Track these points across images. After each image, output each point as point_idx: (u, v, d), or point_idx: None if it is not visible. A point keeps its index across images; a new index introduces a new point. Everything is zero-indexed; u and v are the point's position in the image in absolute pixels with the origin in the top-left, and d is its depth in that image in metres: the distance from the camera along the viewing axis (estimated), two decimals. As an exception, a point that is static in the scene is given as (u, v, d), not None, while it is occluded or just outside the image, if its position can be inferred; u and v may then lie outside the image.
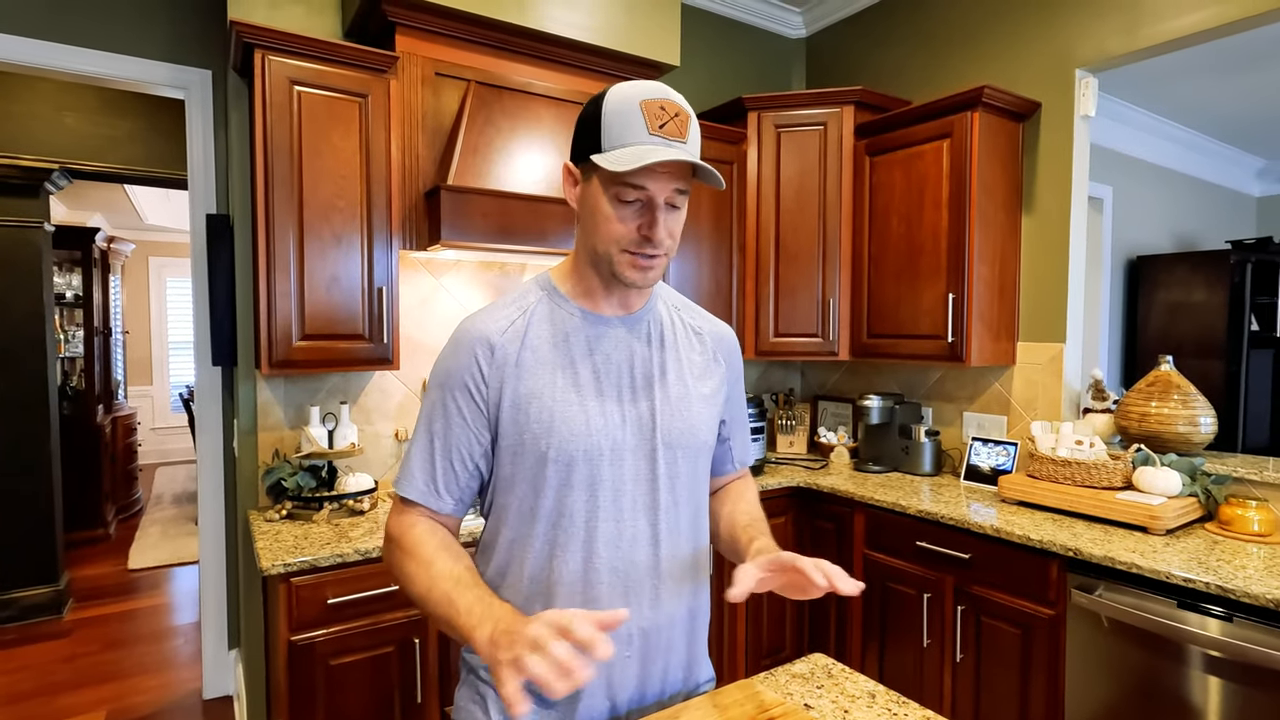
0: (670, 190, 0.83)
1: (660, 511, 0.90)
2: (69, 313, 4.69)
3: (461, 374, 0.87)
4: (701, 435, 0.95)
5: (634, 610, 0.88)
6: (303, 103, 1.86)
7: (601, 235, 0.85)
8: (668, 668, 0.94)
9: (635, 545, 0.89)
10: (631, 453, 0.89)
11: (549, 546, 0.87)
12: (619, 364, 0.90)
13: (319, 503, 1.94)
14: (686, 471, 0.93)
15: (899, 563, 2.16)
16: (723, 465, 1.07)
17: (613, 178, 0.81)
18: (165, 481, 6.25)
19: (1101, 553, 1.66)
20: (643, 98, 0.81)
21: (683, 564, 0.93)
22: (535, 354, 0.88)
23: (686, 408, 0.93)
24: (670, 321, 0.98)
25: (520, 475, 0.88)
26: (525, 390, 0.86)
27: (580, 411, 0.86)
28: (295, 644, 1.62)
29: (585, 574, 0.87)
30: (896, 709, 0.97)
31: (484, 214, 1.98)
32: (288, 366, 1.87)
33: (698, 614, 0.98)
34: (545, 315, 0.90)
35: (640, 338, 0.93)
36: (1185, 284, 4.26)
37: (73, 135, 3.22)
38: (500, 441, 0.88)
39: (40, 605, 3.29)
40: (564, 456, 0.85)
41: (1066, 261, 2.31)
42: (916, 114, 2.38)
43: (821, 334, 2.66)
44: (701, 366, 0.98)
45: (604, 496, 0.87)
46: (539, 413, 0.86)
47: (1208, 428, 2.00)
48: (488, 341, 0.87)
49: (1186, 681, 1.54)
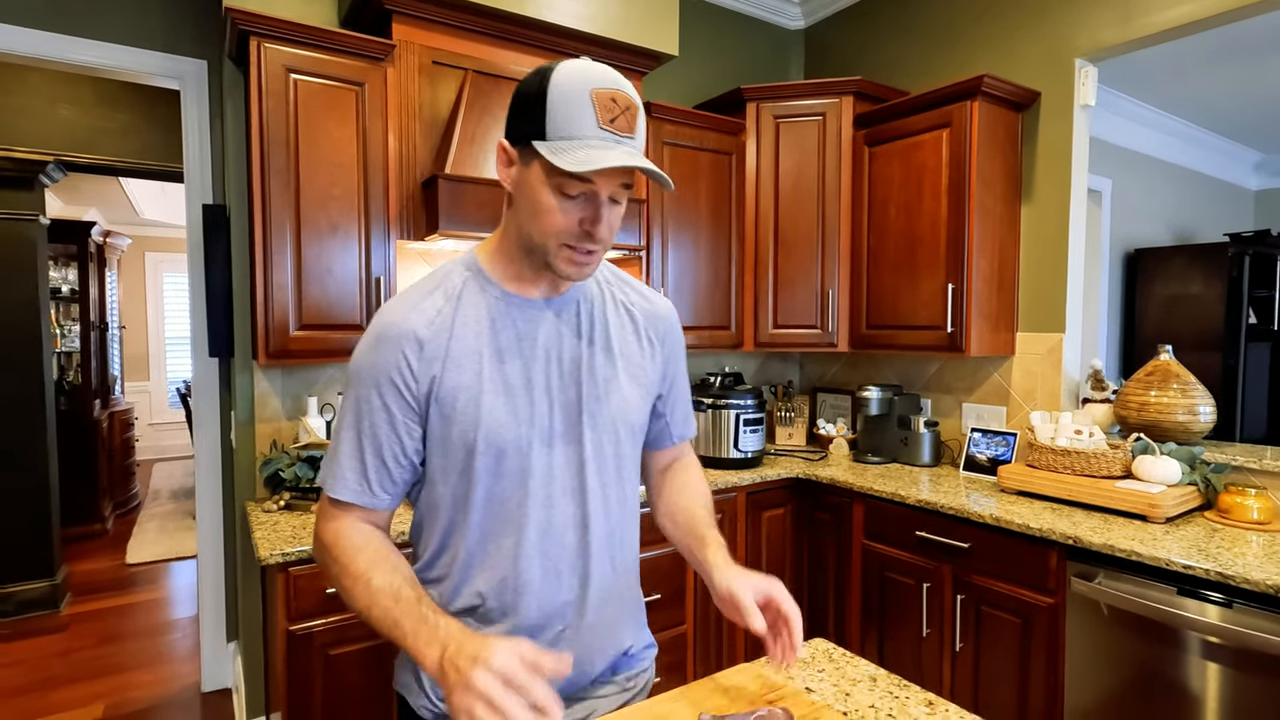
0: (616, 186, 0.80)
1: (589, 495, 0.90)
2: (65, 307, 4.67)
3: (389, 371, 0.83)
4: (631, 417, 0.94)
5: (565, 592, 0.89)
6: (299, 91, 1.84)
7: (540, 226, 0.81)
8: (604, 647, 0.95)
9: (566, 529, 0.89)
10: (560, 438, 0.88)
11: (481, 534, 0.87)
12: (546, 349, 0.88)
13: (317, 493, 1.93)
14: (613, 454, 0.92)
15: (898, 553, 2.16)
16: (661, 441, 1.07)
17: (558, 171, 0.77)
18: (163, 477, 6.23)
19: (1101, 540, 1.66)
20: (593, 86, 0.76)
21: (611, 545, 0.93)
22: (462, 344, 0.85)
23: (615, 390, 0.92)
24: (601, 298, 0.95)
25: (451, 466, 0.86)
26: (452, 383, 0.84)
27: (507, 402, 0.85)
28: (294, 633, 1.61)
29: (517, 559, 0.86)
30: (898, 691, 0.97)
31: (481, 203, 1.97)
32: (285, 357, 1.86)
33: (630, 589, 1.00)
34: (471, 300, 0.87)
35: (569, 321, 0.91)
36: (1183, 277, 4.26)
37: (67, 127, 3.20)
38: (430, 434, 0.86)
39: (36, 600, 3.28)
40: (493, 449, 0.84)
41: (1066, 251, 2.31)
42: (916, 104, 2.38)
43: (820, 325, 2.65)
44: (633, 347, 0.96)
45: (534, 484, 0.86)
46: (466, 405, 0.84)
47: (1207, 416, 2.00)
48: (415, 337, 0.83)
49: (1185, 668, 1.54)
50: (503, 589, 0.86)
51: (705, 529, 0.99)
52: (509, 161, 0.83)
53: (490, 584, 0.87)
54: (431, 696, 0.89)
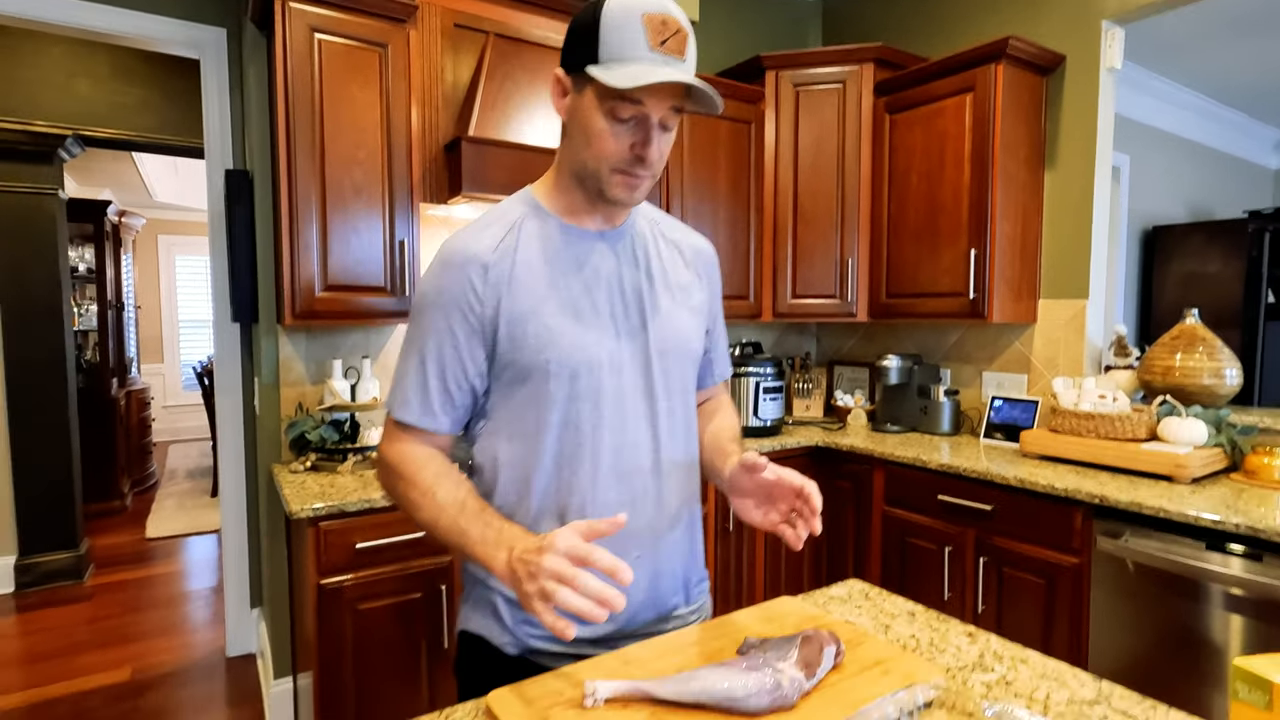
0: (666, 109, 0.82)
1: (659, 418, 0.92)
2: (81, 287, 4.71)
3: (455, 295, 0.85)
4: (691, 344, 0.97)
5: (640, 514, 0.89)
6: (323, 51, 1.84)
7: (593, 151, 0.83)
8: (674, 571, 0.96)
9: (638, 451, 0.90)
10: (629, 362, 0.90)
11: (557, 460, 0.87)
12: (607, 278, 0.90)
13: (343, 454, 1.95)
14: (679, 379, 0.95)
15: (919, 518, 2.16)
16: (703, 379, 1.08)
17: (609, 93, 0.79)
18: (179, 458, 6.29)
19: (1129, 499, 1.66)
20: (644, 10, 0.78)
21: (680, 467, 0.95)
22: (528, 270, 0.86)
23: (675, 319, 0.95)
24: (652, 235, 0.98)
25: (521, 393, 0.87)
26: (520, 307, 0.85)
27: (576, 324, 0.86)
28: (324, 587, 1.63)
29: (594, 483, 0.87)
30: (937, 624, 0.97)
31: (504, 165, 1.97)
32: (310, 318, 1.87)
33: (695, 518, 1.00)
34: (532, 230, 0.89)
35: (624, 253, 0.93)
36: (1201, 254, 4.22)
37: (84, 102, 3.21)
38: (498, 360, 0.87)
39: (61, 570, 3.32)
40: (565, 370, 0.85)
41: (1090, 216, 2.29)
42: (938, 68, 2.35)
43: (839, 295, 2.65)
44: (685, 277, 0.99)
45: (607, 407, 0.88)
46: (537, 329, 0.85)
47: (1233, 380, 1.99)
48: (480, 261, 0.85)
49: (1212, 622, 1.54)
50: (581, 514, 0.87)
51: (731, 445, 0.99)
52: (563, 91, 0.85)
53: (566, 511, 0.87)
54: (515, 631, 0.89)
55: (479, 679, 0.89)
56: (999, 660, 0.87)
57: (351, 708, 1.67)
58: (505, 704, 0.71)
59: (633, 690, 0.71)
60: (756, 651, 0.77)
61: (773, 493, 0.87)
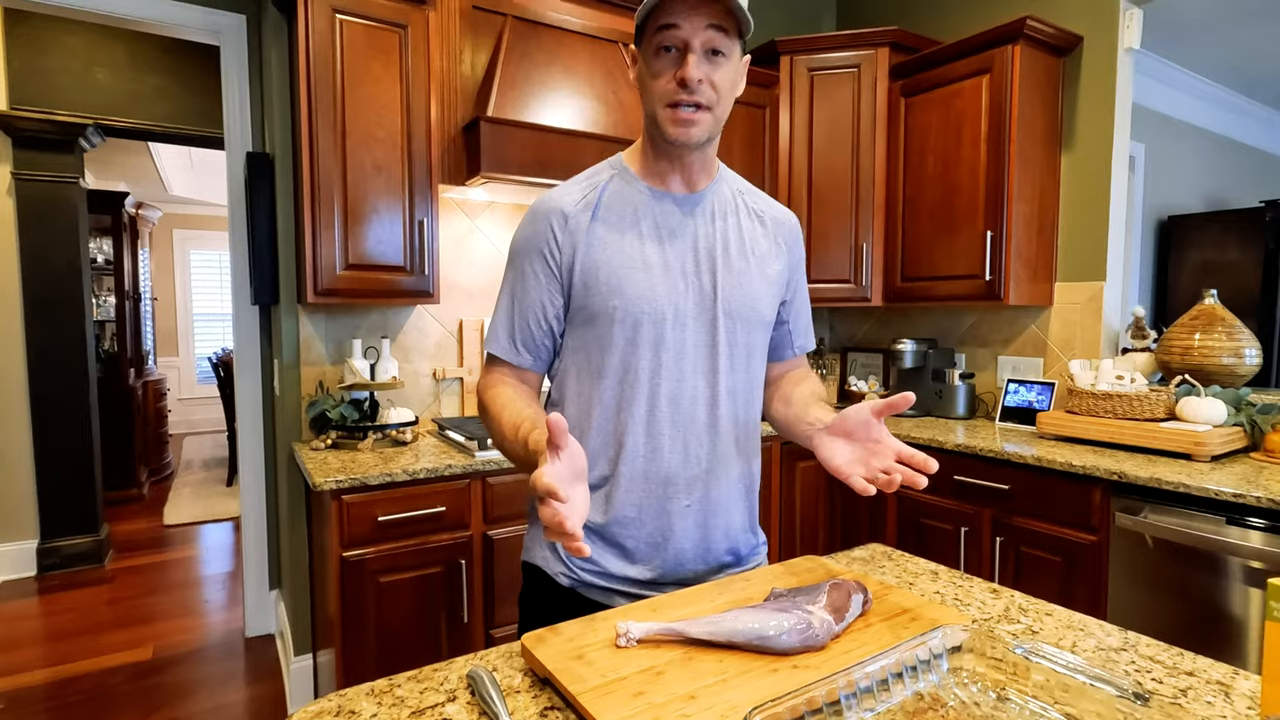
0: (704, 29, 0.83)
1: (720, 376, 0.94)
2: (99, 278, 4.76)
3: (537, 241, 0.94)
4: (761, 309, 0.98)
5: (692, 464, 0.93)
6: (344, 32, 1.86)
7: (649, 98, 0.90)
8: (728, 527, 0.97)
9: (695, 404, 0.93)
10: (694, 319, 0.93)
11: (615, 401, 0.93)
12: (683, 237, 0.95)
13: (363, 432, 1.97)
14: (744, 342, 0.97)
15: (934, 499, 2.16)
16: (782, 350, 1.09)
17: (650, 30, 0.85)
18: (194, 449, 6.35)
19: (1148, 475, 1.66)
20: None
21: (737, 427, 0.97)
22: (605, 224, 0.93)
23: (747, 283, 0.97)
24: (735, 204, 1.01)
25: (589, 335, 0.93)
26: (595, 257, 0.92)
27: (645, 277, 0.91)
28: (347, 560, 1.65)
29: (649, 426, 0.92)
30: (961, 582, 0.98)
31: (522, 146, 1.98)
32: (332, 296, 1.89)
33: (752, 480, 1.01)
34: (616, 191, 0.95)
35: (704, 216, 0.97)
36: (1218, 244, 4.18)
37: (103, 91, 3.25)
38: (573, 303, 0.94)
39: (82, 554, 3.37)
40: (630, 318, 0.91)
41: (1108, 198, 2.28)
42: (955, 50, 2.35)
43: (854, 279, 2.65)
44: (764, 245, 1.00)
45: (666, 357, 0.92)
46: (608, 277, 0.91)
47: (1253, 359, 1.98)
48: (562, 212, 0.93)
49: (1232, 595, 1.54)
50: (634, 455, 0.91)
51: (817, 405, 0.95)
52: (633, 59, 0.93)
53: (621, 450, 0.91)
54: (568, 563, 0.95)
55: (537, 610, 0.97)
56: (1024, 613, 0.88)
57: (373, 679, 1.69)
58: (541, 644, 0.73)
59: (665, 630, 0.73)
60: (785, 599, 0.78)
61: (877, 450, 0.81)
